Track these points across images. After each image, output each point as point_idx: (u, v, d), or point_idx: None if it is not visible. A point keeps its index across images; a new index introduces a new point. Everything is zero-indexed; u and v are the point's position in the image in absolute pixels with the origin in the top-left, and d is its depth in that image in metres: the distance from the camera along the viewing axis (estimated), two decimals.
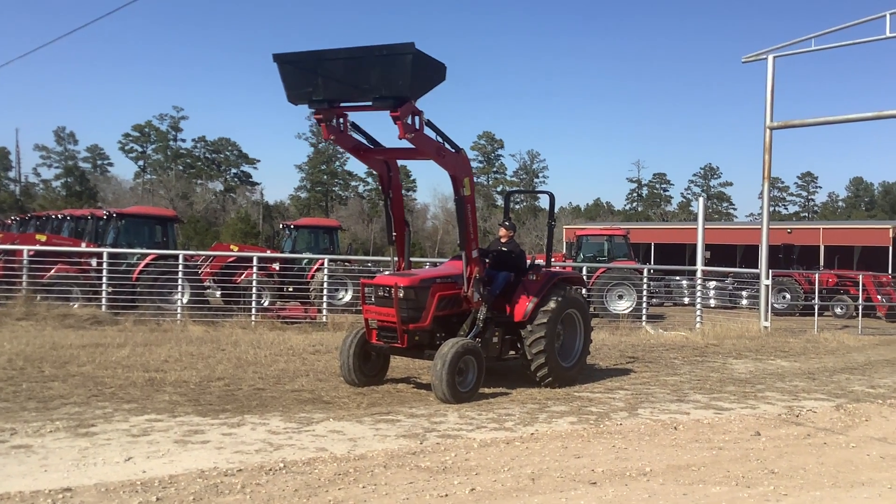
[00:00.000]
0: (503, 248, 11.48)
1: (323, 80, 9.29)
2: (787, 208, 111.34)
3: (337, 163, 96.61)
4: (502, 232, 11.65)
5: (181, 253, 19.44)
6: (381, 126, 10.38)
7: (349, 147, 10.26)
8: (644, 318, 21.64)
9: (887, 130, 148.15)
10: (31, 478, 6.05)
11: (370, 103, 9.33)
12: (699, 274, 22.68)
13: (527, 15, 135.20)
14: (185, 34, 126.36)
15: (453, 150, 10.02)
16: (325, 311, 19.46)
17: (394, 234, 10.81)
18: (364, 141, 10.36)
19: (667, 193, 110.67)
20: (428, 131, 9.59)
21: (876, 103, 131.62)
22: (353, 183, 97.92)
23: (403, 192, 11.05)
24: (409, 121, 9.17)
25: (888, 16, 18.83)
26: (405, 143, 9.62)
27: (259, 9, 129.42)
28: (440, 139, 9.81)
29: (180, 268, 18.57)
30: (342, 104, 9.67)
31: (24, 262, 17.46)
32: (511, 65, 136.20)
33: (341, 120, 9.91)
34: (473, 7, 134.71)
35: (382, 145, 10.46)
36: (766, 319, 20.43)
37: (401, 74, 8.86)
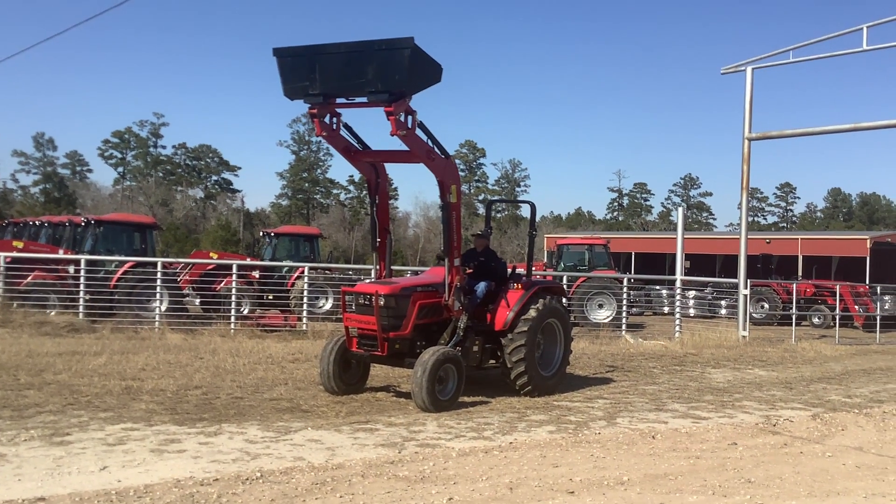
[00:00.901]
0: (481, 259, 11.48)
1: (320, 74, 9.39)
2: (765, 218, 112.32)
3: (318, 170, 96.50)
4: (476, 242, 11.65)
5: (160, 260, 19.30)
6: (372, 131, 10.42)
7: (340, 147, 10.29)
8: (624, 327, 21.72)
9: (865, 142, 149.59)
10: (4, 487, 5.98)
11: (365, 99, 9.39)
12: (678, 283, 22.80)
13: (506, 25, 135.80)
14: (165, 40, 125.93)
15: (443, 156, 10.04)
16: (305, 319, 19.38)
17: (377, 240, 10.81)
18: (354, 143, 10.38)
19: (647, 203, 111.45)
20: (420, 134, 9.63)
21: (853, 115, 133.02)
22: (335, 191, 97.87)
23: None
24: (402, 118, 9.21)
25: (865, 29, 19.07)
26: (395, 146, 9.67)
27: (241, 16, 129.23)
28: (431, 143, 9.85)
29: (159, 275, 18.44)
30: (337, 100, 9.73)
31: (1, 268, 17.28)
32: (492, 74, 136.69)
33: (334, 119, 9.99)
34: (451, 16, 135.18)
35: (371, 148, 10.50)
36: (744, 329, 20.56)
37: (398, 69, 8.93)
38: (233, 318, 18.47)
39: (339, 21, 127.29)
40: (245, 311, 20.21)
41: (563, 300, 12.44)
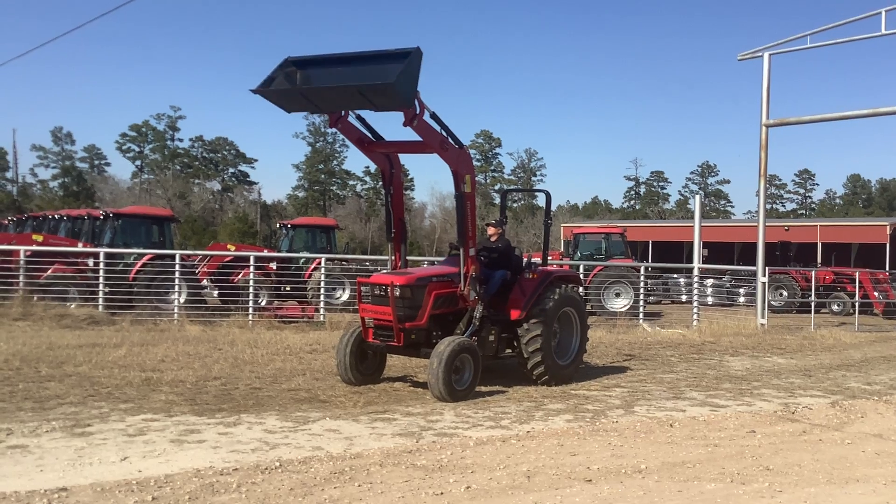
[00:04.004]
0: (496, 248, 11.45)
1: (314, 100, 9.45)
2: (784, 206, 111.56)
3: (335, 162, 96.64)
4: (491, 230, 11.63)
5: (178, 253, 19.43)
6: (386, 122, 10.40)
7: (354, 139, 10.25)
8: (641, 316, 21.66)
9: (884, 127, 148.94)
10: (26, 478, 6.05)
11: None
12: (696, 272, 22.71)
13: (523, 14, 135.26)
14: (181, 34, 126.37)
15: (457, 146, 10.01)
16: (322, 310, 19.45)
17: (392, 231, 10.80)
18: (368, 134, 10.36)
19: (664, 191, 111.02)
20: (433, 124, 9.60)
21: (872, 100, 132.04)
22: (351, 182, 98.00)
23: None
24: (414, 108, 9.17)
25: (883, 13, 18.90)
26: (409, 136, 9.63)
27: (256, 7, 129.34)
28: (444, 133, 9.81)
29: (177, 267, 18.57)
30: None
31: (21, 262, 17.45)
32: (507, 63, 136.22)
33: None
34: (470, 6, 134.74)
35: (385, 139, 10.47)
36: (762, 317, 20.46)
37: (391, 97, 8.78)
38: (251, 310, 18.59)
39: (353, 8, 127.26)
40: (263, 303, 20.34)
41: (580, 289, 12.39)
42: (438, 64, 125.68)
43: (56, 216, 25.11)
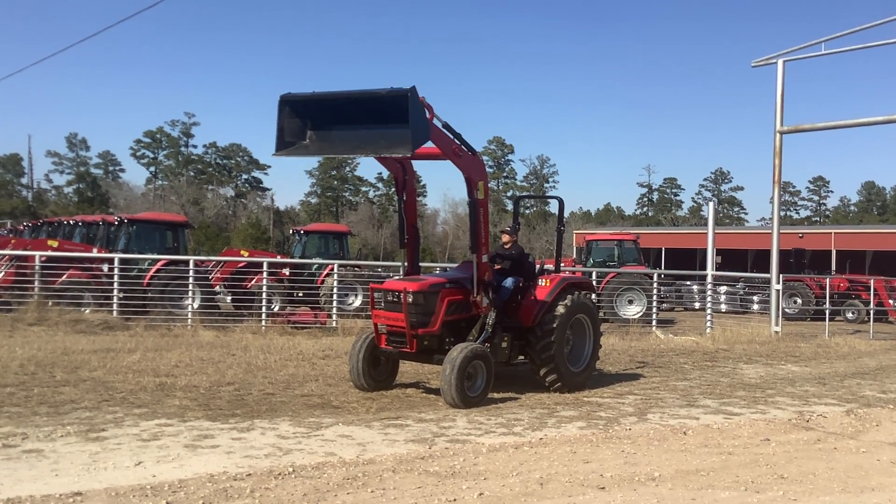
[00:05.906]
0: (511, 253, 11.45)
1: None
2: (798, 213, 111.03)
3: (347, 168, 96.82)
4: (505, 238, 11.63)
5: (192, 258, 19.51)
6: None
7: None
8: (654, 323, 21.58)
9: None
10: (41, 482, 6.08)
11: None
12: (709, 279, 22.62)
13: (536, 20, 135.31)
14: (196, 41, 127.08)
15: (470, 152, 10.02)
16: (335, 316, 19.48)
17: (405, 237, 10.80)
18: None
19: (677, 198, 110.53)
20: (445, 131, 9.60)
21: (887, 107, 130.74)
22: (364, 188, 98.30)
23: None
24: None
25: None
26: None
27: (269, 15, 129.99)
28: (457, 140, 9.81)
29: (191, 273, 18.64)
30: None
31: (37, 267, 17.57)
32: (520, 70, 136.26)
33: None
34: (483, 13, 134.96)
35: None
36: (776, 324, 20.36)
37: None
38: (264, 316, 18.64)
39: (361, 14, 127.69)
40: (276, 309, 20.38)
41: (593, 296, 12.37)
42: (451, 70, 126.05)
43: (71, 222, 25.26)
